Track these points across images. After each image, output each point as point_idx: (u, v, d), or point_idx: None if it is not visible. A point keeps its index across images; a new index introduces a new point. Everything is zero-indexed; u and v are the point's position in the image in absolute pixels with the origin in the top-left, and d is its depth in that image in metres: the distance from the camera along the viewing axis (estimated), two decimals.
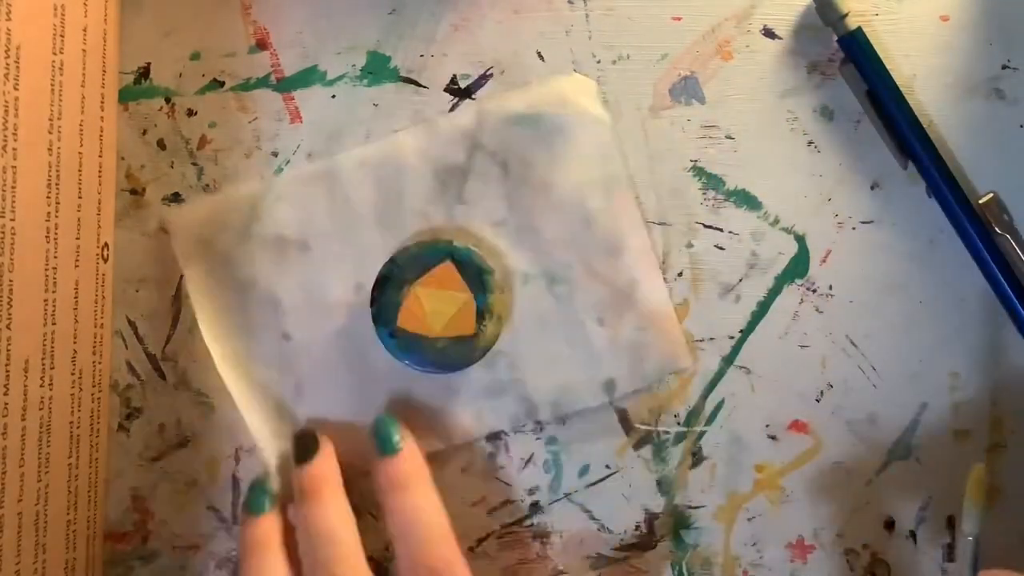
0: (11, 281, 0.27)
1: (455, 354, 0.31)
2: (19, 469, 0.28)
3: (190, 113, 0.33)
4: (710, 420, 0.33)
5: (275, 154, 0.33)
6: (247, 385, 0.33)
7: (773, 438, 0.33)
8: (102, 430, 0.33)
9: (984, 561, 0.33)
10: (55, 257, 0.29)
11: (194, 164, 0.33)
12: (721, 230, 0.33)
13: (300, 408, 0.33)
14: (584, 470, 0.33)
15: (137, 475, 0.34)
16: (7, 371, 0.27)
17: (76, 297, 0.30)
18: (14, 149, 0.27)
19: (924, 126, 0.32)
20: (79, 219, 0.30)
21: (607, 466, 0.33)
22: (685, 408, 0.33)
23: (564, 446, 0.33)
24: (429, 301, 0.31)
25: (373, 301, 0.31)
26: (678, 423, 0.33)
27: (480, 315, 0.31)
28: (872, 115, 0.32)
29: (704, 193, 0.33)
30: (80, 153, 0.30)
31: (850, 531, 0.33)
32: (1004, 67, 0.32)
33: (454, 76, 0.33)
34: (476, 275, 0.31)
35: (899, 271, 0.33)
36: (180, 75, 0.33)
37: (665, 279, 0.33)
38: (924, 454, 0.33)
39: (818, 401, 0.33)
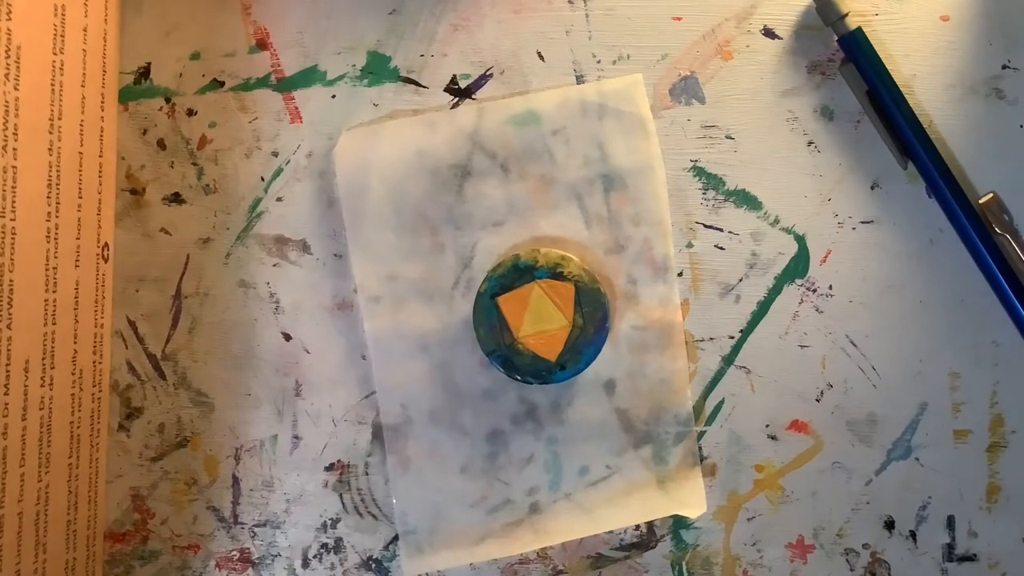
0: (11, 281, 0.27)
1: (528, 366, 0.31)
2: (19, 469, 0.28)
3: (190, 113, 0.33)
4: (710, 420, 0.33)
5: (275, 154, 0.33)
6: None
7: (773, 438, 0.33)
8: (102, 430, 0.33)
9: (984, 561, 0.33)
10: (55, 257, 0.29)
11: (194, 164, 0.33)
12: (721, 230, 0.33)
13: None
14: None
15: (137, 475, 0.34)
16: (7, 371, 0.27)
17: (76, 297, 0.30)
18: (14, 149, 0.27)
19: (924, 126, 0.32)
20: (79, 219, 0.30)
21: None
22: (685, 408, 0.33)
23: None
24: (537, 300, 0.31)
25: (498, 268, 0.31)
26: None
27: (565, 350, 0.31)
28: (872, 115, 0.32)
29: (704, 193, 0.33)
30: (80, 153, 0.30)
31: (850, 531, 0.33)
32: (1004, 67, 0.32)
33: (454, 76, 0.33)
34: (590, 311, 0.31)
35: (899, 271, 0.33)
36: (180, 75, 0.33)
37: (665, 279, 0.33)
38: (924, 454, 0.33)
39: (818, 401, 0.33)
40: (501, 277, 0.31)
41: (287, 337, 0.33)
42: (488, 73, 0.33)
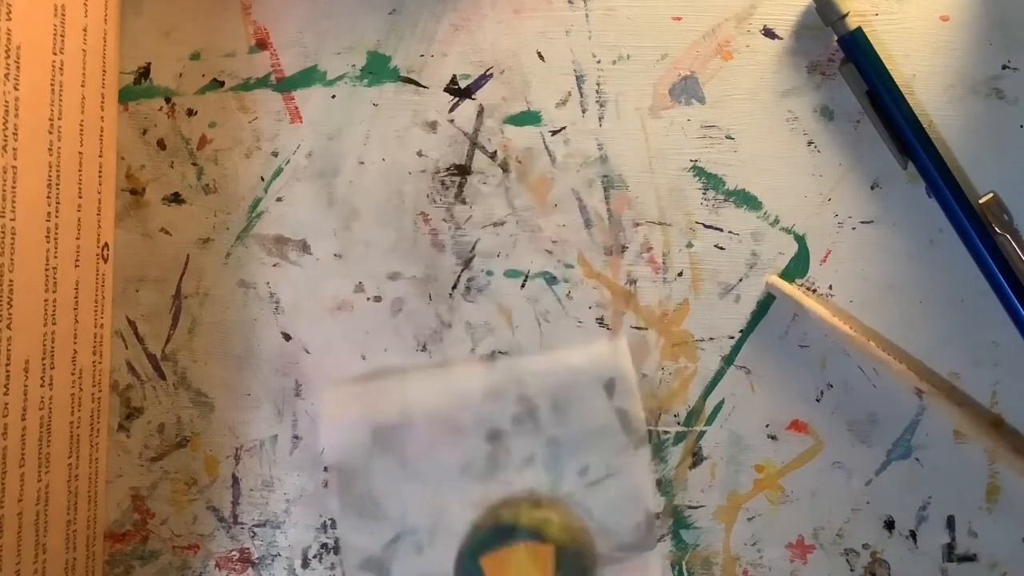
0: (11, 281, 0.27)
1: None
2: (19, 469, 0.28)
3: (190, 113, 0.33)
4: (710, 420, 0.33)
5: (275, 154, 0.33)
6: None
7: (773, 438, 0.33)
8: (102, 430, 0.33)
9: (984, 561, 0.33)
10: (55, 257, 0.29)
11: (194, 164, 0.33)
12: (721, 230, 0.33)
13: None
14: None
15: (137, 475, 0.34)
16: (7, 371, 0.27)
17: (76, 297, 0.30)
18: (14, 149, 0.27)
19: (924, 126, 0.32)
20: (79, 219, 0.30)
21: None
22: (685, 408, 0.33)
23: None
24: (517, 565, 0.32)
25: (491, 518, 0.32)
26: (678, 423, 0.33)
27: None
28: (872, 115, 0.32)
29: (704, 193, 0.33)
30: (80, 153, 0.30)
31: (850, 531, 0.33)
32: (1004, 67, 0.32)
33: (454, 76, 0.33)
34: (569, 573, 0.32)
35: (899, 271, 0.33)
36: (180, 75, 0.33)
37: (665, 279, 0.33)
38: (924, 454, 0.33)
39: (818, 401, 0.33)
40: (483, 535, 0.32)
41: (287, 337, 0.33)
42: (488, 73, 0.33)
